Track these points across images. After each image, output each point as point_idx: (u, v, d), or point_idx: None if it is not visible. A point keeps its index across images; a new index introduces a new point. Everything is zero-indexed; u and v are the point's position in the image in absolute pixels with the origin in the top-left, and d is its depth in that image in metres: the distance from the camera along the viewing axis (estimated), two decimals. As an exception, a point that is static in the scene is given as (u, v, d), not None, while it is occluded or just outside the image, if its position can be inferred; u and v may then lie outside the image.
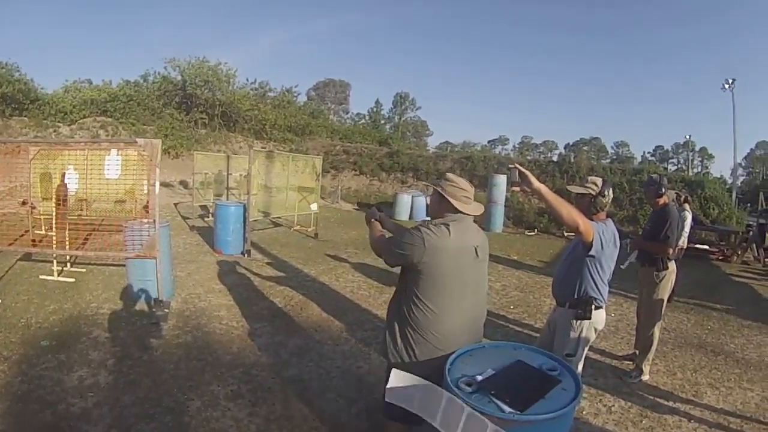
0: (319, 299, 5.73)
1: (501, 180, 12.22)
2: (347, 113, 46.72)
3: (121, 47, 77.26)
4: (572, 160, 18.68)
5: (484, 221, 12.61)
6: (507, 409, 1.62)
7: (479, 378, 1.78)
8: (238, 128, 22.68)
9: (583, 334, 2.62)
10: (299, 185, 11.18)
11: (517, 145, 64.94)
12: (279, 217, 11.59)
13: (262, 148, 19.43)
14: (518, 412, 1.60)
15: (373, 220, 2.52)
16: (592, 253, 2.39)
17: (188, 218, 11.68)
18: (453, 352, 1.99)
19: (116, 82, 21.52)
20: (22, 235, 6.67)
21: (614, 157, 59.53)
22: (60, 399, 3.21)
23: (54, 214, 6.19)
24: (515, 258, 8.96)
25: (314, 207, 10.36)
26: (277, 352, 4.14)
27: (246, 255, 7.83)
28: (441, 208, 2.19)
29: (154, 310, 4.92)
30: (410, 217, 14.20)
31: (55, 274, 5.87)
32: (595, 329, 2.67)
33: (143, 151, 4.94)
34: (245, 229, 8.01)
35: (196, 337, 4.40)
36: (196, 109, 21.45)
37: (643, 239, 4.10)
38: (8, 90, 16.15)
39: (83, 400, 3.22)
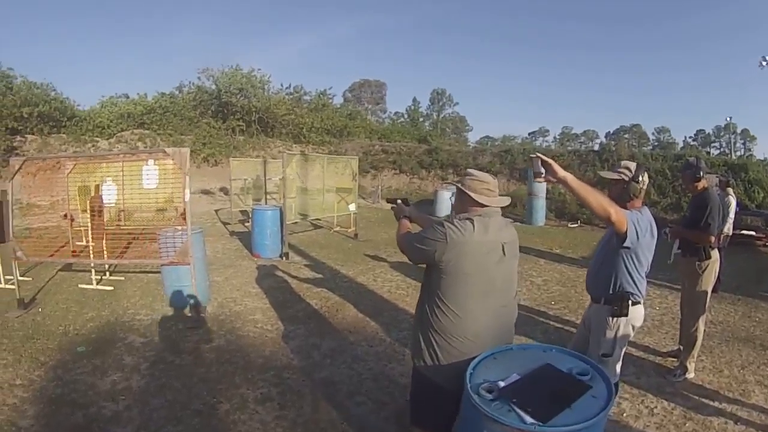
0: (356, 300, 5.82)
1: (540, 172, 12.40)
2: (385, 113, 48.08)
3: (153, 62, 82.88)
4: (612, 148, 18.09)
5: (525, 215, 12.68)
6: (529, 419, 1.52)
7: (501, 384, 1.70)
8: (275, 133, 23.58)
9: (620, 333, 2.56)
10: (337, 186, 11.48)
11: (557, 136, 65.65)
12: (319, 219, 11.89)
13: (300, 151, 19.97)
14: (540, 424, 1.51)
15: (402, 217, 2.55)
16: (626, 244, 2.32)
17: (228, 224, 12.19)
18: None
19: (151, 95, 22.85)
20: (63, 246, 7.22)
21: (656, 143, 59.07)
22: (92, 402, 3.43)
23: (89, 225, 6.60)
24: (558, 251, 8.95)
25: (352, 207, 10.60)
26: (310, 354, 4.21)
27: (284, 258, 8.05)
28: (463, 204, 2.17)
29: (189, 315, 5.15)
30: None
31: (94, 282, 6.27)
32: (633, 326, 2.61)
33: (172, 160, 5.15)
34: (282, 232, 8.23)
35: (229, 340, 4.55)
36: (232, 116, 22.40)
37: (683, 227, 3.93)
38: (45, 109, 17.16)
39: (114, 403, 3.41)
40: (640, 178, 2.55)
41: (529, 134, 63.00)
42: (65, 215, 7.18)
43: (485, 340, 2.03)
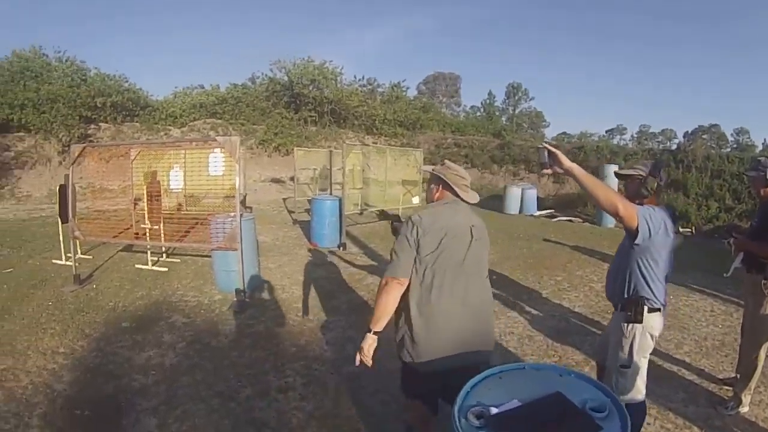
0: None
1: (612, 171, 11.49)
2: (459, 106, 48.09)
3: (227, 57, 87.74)
4: (688, 148, 16.59)
5: (596, 215, 11.97)
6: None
7: (494, 410, 1.48)
8: (348, 124, 24.11)
9: (637, 342, 2.45)
10: (403, 178, 11.58)
11: (635, 135, 63.35)
12: (383, 211, 11.94)
13: (373, 143, 20.23)
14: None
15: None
16: (638, 241, 2.23)
17: (293, 212, 12.58)
18: (455, 343, 2.16)
19: (224, 86, 24.19)
20: (127, 229, 7.79)
21: (734, 145, 55.36)
22: (125, 374, 3.65)
23: (146, 209, 7.05)
24: None
25: (416, 200, 10.68)
26: (344, 347, 4.17)
27: (341, 248, 8.16)
28: (441, 192, 2.40)
29: (234, 299, 5.29)
30: (520, 211, 13.89)
31: (150, 263, 6.68)
32: (651, 336, 2.48)
33: (222, 148, 5.33)
34: (341, 222, 8.32)
35: (268, 327, 4.64)
36: (304, 107, 23.16)
37: (749, 238, 3.39)
38: (118, 99, 18.42)
39: (145, 377, 3.59)
40: (658, 174, 2.54)
41: (606, 131, 61.69)
42: (137, 199, 7.78)
43: (459, 321, 2.20)
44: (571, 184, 14.39)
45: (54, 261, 6.83)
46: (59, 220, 6.18)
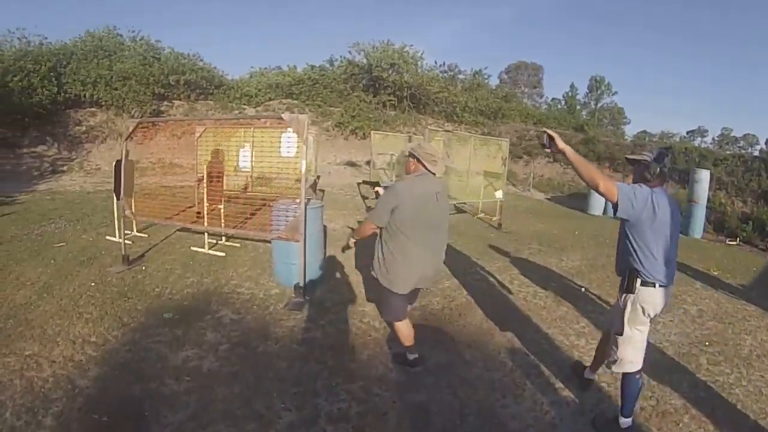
0: (485, 303, 5.11)
1: (704, 176, 11.64)
2: (541, 97, 47.61)
3: (304, 38, 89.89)
4: None
5: (683, 224, 10.78)
6: None
7: None
8: (428, 111, 24.05)
9: (628, 311, 2.78)
10: (485, 170, 11.01)
11: (716, 138, 60.64)
12: (463, 203, 11.31)
13: (446, 130, 19.84)
14: None
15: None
16: (619, 213, 2.66)
17: (367, 198, 12.21)
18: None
19: (301, 68, 24.68)
20: (191, 207, 7.66)
21: None
22: (156, 376, 3.29)
23: (205, 190, 6.79)
24: (715, 274, 7.51)
25: (499, 194, 10.03)
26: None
27: None
28: (416, 167, 3.30)
29: (292, 296, 4.85)
30: (604, 212, 13.14)
31: (206, 247, 6.43)
32: (643, 309, 2.75)
33: (289, 126, 4.84)
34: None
35: (326, 333, 4.13)
36: (383, 91, 23.20)
37: None
38: (191, 77, 19.31)
39: (177, 382, 3.21)
40: (662, 161, 2.75)
41: (687, 133, 59.71)
42: (200, 179, 7.61)
43: (424, 259, 3.28)
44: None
45: (108, 237, 6.79)
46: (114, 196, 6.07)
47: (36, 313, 4.23)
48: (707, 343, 4.55)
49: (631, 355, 2.80)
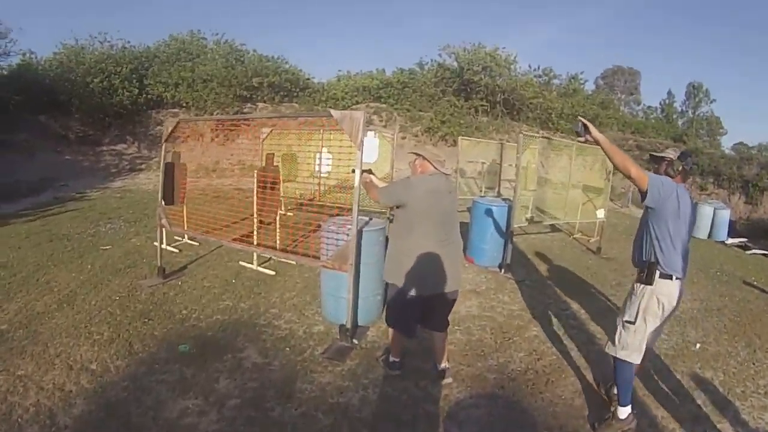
0: (579, 366, 4.10)
1: None
2: (639, 104, 47.10)
3: (393, 41, 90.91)
4: None
5: None
6: None
7: None
8: (522, 117, 23.34)
9: (643, 302, 3.00)
10: (584, 183, 10.08)
11: None
12: (558, 220, 10.39)
13: (543, 136, 19.05)
14: None
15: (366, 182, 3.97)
16: (647, 202, 2.89)
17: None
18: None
19: (390, 71, 24.85)
20: (244, 219, 7.30)
21: None
22: (143, 428, 2.92)
23: (254, 200, 6.25)
24: None
25: (600, 214, 9.07)
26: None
27: (502, 270, 6.81)
28: (425, 168, 3.55)
29: (337, 338, 4.24)
30: (709, 236, 12.09)
31: (255, 263, 6.04)
32: (659, 301, 2.96)
33: (340, 126, 4.17)
34: (507, 236, 6.89)
35: (365, 397, 3.42)
36: (475, 95, 22.73)
37: None
38: (275, 79, 19.88)
39: (163, 445, 2.69)
40: (685, 160, 3.07)
41: None
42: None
43: (436, 253, 3.38)
44: (765, 206, 15.30)
45: (155, 243, 6.61)
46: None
47: (48, 325, 4.09)
48: None
49: (638, 344, 3.03)
